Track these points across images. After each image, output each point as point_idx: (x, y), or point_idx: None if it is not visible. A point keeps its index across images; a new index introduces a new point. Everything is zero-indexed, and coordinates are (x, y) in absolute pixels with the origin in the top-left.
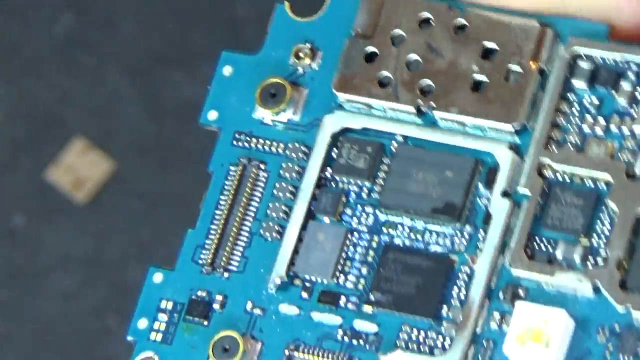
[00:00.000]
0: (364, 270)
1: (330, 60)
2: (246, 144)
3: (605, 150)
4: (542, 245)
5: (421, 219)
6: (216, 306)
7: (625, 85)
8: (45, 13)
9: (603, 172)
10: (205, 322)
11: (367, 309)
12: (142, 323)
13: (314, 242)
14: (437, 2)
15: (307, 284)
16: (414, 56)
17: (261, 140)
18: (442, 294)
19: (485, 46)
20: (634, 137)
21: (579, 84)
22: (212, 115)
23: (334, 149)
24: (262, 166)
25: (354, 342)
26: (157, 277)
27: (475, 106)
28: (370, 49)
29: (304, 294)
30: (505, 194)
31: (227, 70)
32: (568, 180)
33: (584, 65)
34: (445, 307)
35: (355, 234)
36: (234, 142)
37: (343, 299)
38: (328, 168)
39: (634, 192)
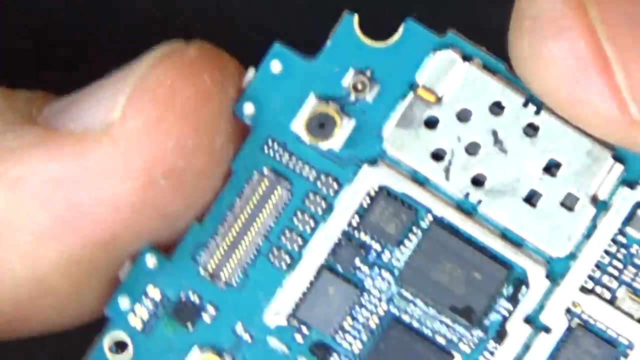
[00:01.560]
0: (364, 336)
1: (386, 98)
2: (277, 156)
3: (637, 309)
4: None
5: (437, 310)
6: (206, 316)
7: None
8: None
9: (630, 334)
10: (191, 328)
11: None
12: (124, 302)
13: (322, 293)
14: (516, 91)
15: (304, 329)
16: (475, 139)
17: (293, 159)
18: None
19: (552, 158)
20: None
21: (634, 233)
22: (249, 109)
23: (368, 198)
24: (287, 185)
25: None
26: (151, 261)
27: (523, 219)
28: (433, 114)
29: (298, 337)
30: (527, 320)
31: (275, 67)
32: (592, 323)
33: None
34: None
35: (365, 294)
36: (265, 149)
37: (335, 356)
38: (356, 216)
39: None
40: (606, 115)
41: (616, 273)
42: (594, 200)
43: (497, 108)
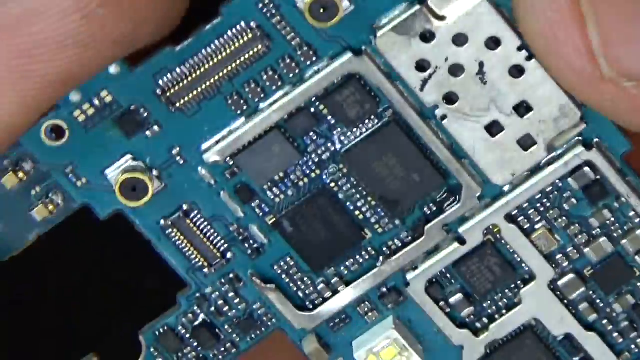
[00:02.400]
0: (290, 192)
1: None
2: (268, 15)
3: (548, 246)
4: (444, 281)
5: (365, 191)
6: (148, 132)
7: (605, 213)
8: None
9: (533, 266)
10: (131, 137)
11: (270, 221)
12: (75, 96)
13: (267, 148)
14: (517, 35)
15: (236, 170)
16: (461, 64)
17: (283, 23)
18: (336, 258)
19: (525, 100)
20: (581, 256)
21: (573, 183)
22: None
23: (341, 78)
24: (268, 44)
25: (240, 238)
26: (114, 69)
27: (478, 143)
28: (432, 30)
29: (227, 175)
30: (446, 226)
31: None
32: (504, 245)
33: (589, 174)
34: (332, 269)
35: (305, 158)
36: (259, 4)
37: (257, 201)
38: (324, 91)
39: (542, 301)
40: (578, 70)
41: (542, 210)
42: (549, 148)
43: (492, 43)
